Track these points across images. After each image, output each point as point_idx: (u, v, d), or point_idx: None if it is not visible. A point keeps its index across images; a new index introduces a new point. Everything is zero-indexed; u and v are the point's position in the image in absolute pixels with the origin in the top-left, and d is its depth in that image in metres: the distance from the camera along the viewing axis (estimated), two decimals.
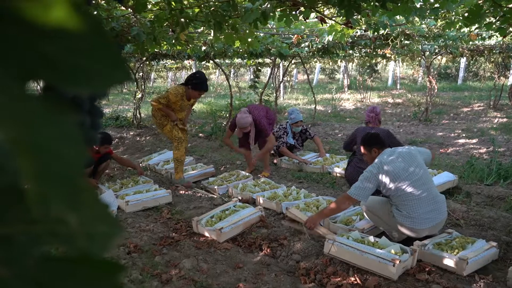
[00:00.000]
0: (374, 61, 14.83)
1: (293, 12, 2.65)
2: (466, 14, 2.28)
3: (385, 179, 2.80)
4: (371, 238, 2.70)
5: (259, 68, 7.37)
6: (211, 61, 7.64)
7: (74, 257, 0.34)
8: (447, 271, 2.53)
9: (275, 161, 5.35)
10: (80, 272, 0.33)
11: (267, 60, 10.73)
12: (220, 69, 8.51)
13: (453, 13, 2.98)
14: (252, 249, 2.97)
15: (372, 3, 2.28)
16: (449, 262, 2.53)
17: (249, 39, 2.93)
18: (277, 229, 3.22)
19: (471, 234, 3.04)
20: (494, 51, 8.87)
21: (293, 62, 9.08)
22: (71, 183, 0.26)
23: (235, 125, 4.63)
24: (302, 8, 2.57)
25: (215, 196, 4.16)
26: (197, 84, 4.21)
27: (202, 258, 2.78)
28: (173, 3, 2.42)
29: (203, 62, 7.78)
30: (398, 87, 18.86)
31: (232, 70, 22.30)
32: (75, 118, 0.30)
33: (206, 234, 3.15)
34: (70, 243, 0.34)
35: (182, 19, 2.53)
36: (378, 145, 3.06)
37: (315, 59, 11.33)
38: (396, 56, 10.17)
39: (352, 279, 2.44)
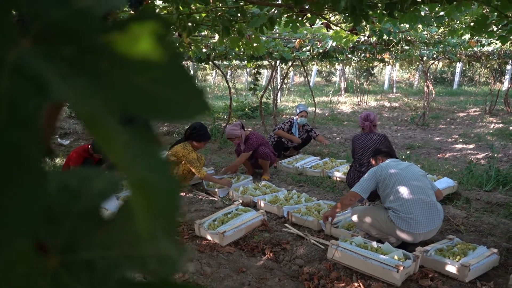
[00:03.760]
0: (371, 65, 14.92)
1: (300, 18, 2.66)
2: (472, 24, 2.31)
3: (384, 176, 2.96)
4: (374, 244, 2.72)
5: (259, 71, 7.37)
6: (209, 62, 7.64)
7: (154, 281, 0.35)
8: (449, 278, 2.55)
9: (274, 164, 5.37)
10: None
11: (265, 62, 10.74)
12: (219, 71, 8.51)
13: (457, 21, 3.01)
14: (254, 253, 2.97)
15: (379, 11, 2.30)
16: (451, 268, 2.55)
17: (255, 44, 2.94)
18: (280, 233, 3.23)
19: (471, 240, 3.07)
20: (491, 57, 8.95)
21: (292, 65, 9.12)
22: (174, 217, 0.27)
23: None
24: (308, 15, 2.59)
25: (216, 199, 4.17)
26: (201, 136, 4.34)
27: (206, 262, 2.78)
28: (180, 7, 2.43)
29: (201, 64, 7.79)
30: (394, 90, 18.96)
31: (229, 71, 22.31)
32: (162, 149, 0.31)
33: (209, 237, 3.15)
34: (143, 267, 0.35)
35: (189, 23, 2.53)
36: (382, 153, 3.29)
37: (314, 62, 11.37)
38: (394, 61, 10.23)
39: (356, 284, 2.46)
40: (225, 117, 9.23)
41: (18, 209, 0.23)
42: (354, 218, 3.08)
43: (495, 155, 5.29)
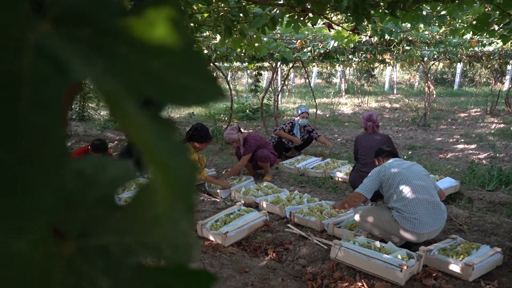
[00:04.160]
0: (372, 66, 14.95)
1: (301, 18, 2.67)
2: (474, 22, 2.31)
3: (388, 175, 2.96)
4: (377, 243, 2.72)
5: (260, 72, 7.38)
6: (211, 64, 7.66)
7: (169, 267, 0.35)
8: (453, 277, 2.55)
9: (276, 165, 5.37)
10: (176, 282, 0.34)
11: (266, 64, 10.76)
12: (220, 72, 8.53)
13: (459, 20, 3.02)
14: (257, 254, 2.97)
15: (381, 11, 2.30)
16: (454, 267, 2.54)
17: (256, 44, 2.95)
18: (282, 234, 3.23)
19: (474, 240, 3.06)
20: (491, 57, 8.95)
21: (293, 66, 9.16)
22: (192, 200, 0.27)
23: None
24: (310, 14, 2.59)
25: (218, 200, 4.16)
26: (202, 137, 4.26)
27: (208, 262, 2.78)
28: (183, 7, 2.43)
29: None
30: (395, 91, 18.97)
31: (229, 73, 22.31)
32: (177, 134, 0.31)
33: (211, 238, 3.14)
34: (157, 253, 0.35)
35: (192, 24, 2.54)
36: (385, 153, 3.30)
37: (314, 63, 11.39)
38: (395, 62, 10.24)
39: (359, 284, 2.45)
40: (226, 118, 9.24)
41: (41, 190, 0.23)
42: (357, 217, 3.07)
43: (497, 154, 5.29)
